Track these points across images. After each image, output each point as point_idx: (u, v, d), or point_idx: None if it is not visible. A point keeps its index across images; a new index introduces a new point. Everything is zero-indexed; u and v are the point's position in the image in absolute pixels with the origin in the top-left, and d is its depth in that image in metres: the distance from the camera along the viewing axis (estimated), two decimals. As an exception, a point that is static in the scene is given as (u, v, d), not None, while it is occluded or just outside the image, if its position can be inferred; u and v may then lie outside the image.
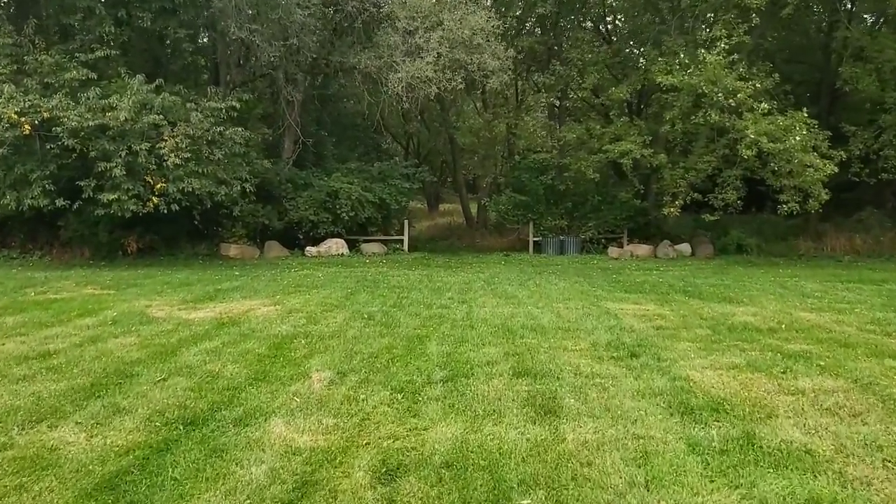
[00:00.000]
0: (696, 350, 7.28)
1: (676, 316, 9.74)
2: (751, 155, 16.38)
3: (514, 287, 13.15)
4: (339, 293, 11.71)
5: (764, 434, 4.69)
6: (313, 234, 20.51)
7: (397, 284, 13.22)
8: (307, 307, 10.00)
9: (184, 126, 15.33)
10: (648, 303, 11.20)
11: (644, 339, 7.87)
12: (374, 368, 6.27)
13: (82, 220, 17.75)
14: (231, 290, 11.95)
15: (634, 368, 6.38)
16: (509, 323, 8.82)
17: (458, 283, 13.62)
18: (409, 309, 9.96)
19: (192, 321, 8.77)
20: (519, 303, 10.84)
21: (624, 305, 10.81)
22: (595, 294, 12.25)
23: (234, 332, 8.05)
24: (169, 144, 14.55)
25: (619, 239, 22.36)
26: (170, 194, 15.20)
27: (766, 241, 22.91)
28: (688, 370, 6.33)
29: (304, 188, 20.67)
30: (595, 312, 9.92)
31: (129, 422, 4.80)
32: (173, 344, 7.31)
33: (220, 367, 6.30)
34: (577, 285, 13.71)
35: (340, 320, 8.89)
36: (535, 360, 6.60)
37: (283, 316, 9.21)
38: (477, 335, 7.95)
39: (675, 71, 17.09)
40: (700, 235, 23.05)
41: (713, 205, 18.76)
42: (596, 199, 22.24)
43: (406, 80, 16.26)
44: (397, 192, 21.50)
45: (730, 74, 16.47)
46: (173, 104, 15.83)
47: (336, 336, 7.81)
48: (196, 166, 15.55)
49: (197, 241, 20.34)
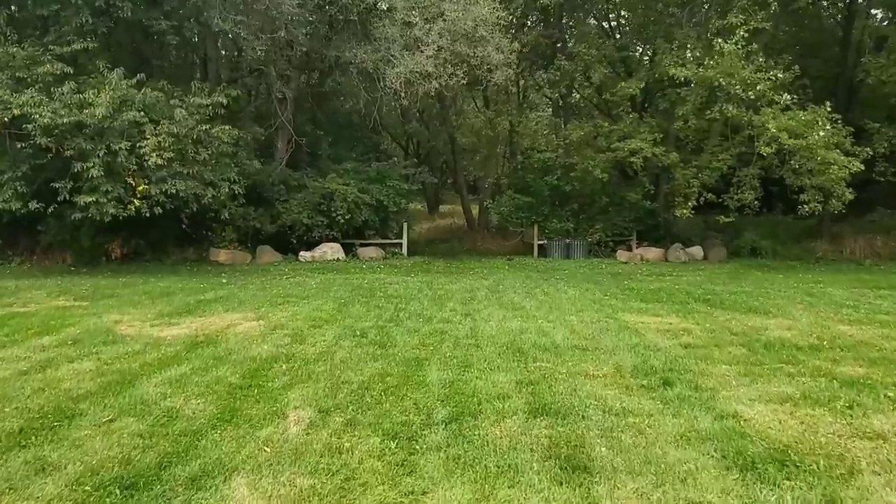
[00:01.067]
0: (737, 376, 6.30)
1: (703, 331, 8.77)
2: (770, 152, 15.41)
3: (520, 296, 12.18)
4: (331, 305, 10.74)
5: (850, 499, 3.73)
6: (307, 239, 19.54)
7: (395, 293, 12.25)
8: (294, 322, 9.03)
9: (167, 124, 14.35)
10: (669, 314, 10.24)
11: (674, 361, 6.90)
12: (363, 404, 5.30)
13: (63, 225, 16.77)
14: (214, 302, 10.98)
15: (671, 402, 5.41)
16: (519, 341, 7.85)
17: (461, 292, 12.65)
18: (406, 324, 8.99)
19: (163, 340, 7.80)
20: (528, 315, 9.87)
21: (643, 318, 9.84)
22: (609, 304, 11.28)
23: (208, 354, 7.08)
24: (150, 143, 13.57)
25: (628, 242, 21.38)
26: (152, 197, 14.23)
27: (780, 244, 21.96)
28: (734, 404, 5.35)
29: (298, 190, 19.72)
30: (613, 327, 8.95)
31: (52, 486, 3.82)
32: (134, 371, 6.34)
33: (182, 402, 5.32)
34: (588, 293, 12.75)
35: (329, 339, 7.91)
36: (553, 392, 5.63)
37: (265, 333, 8.24)
38: (483, 357, 6.97)
39: (688, 64, 16.10)
40: (711, 238, 22.08)
41: (728, 206, 17.80)
42: (603, 200, 21.26)
43: (404, 74, 15.25)
44: (395, 194, 20.53)
45: (747, 66, 15.49)
46: (157, 100, 14.87)
47: (322, 359, 6.84)
48: (181, 167, 14.59)
49: (186, 245, 19.40)
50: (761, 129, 15.56)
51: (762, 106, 15.50)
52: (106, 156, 13.67)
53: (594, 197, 21.45)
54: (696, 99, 16.76)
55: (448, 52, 15.36)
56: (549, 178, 21.21)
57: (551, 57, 21.94)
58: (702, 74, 15.72)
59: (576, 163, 19.82)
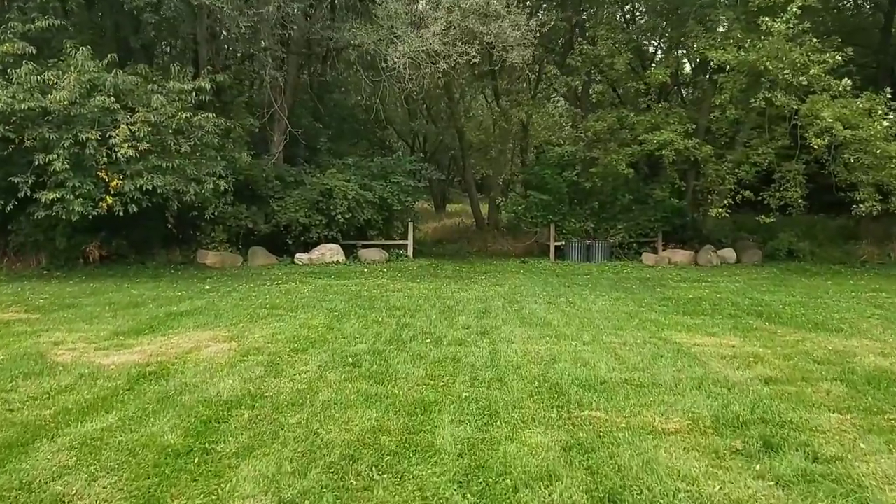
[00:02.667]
0: (861, 432, 4.63)
1: (777, 357, 7.11)
2: (822, 144, 13.67)
3: (542, 307, 10.52)
4: (322, 319, 9.10)
5: None
6: (305, 239, 17.87)
7: (398, 304, 10.59)
8: (273, 344, 7.39)
9: (144, 112, 12.75)
10: (725, 333, 8.57)
11: (762, 405, 5.24)
12: (343, 490, 3.65)
13: (37, 224, 15.20)
14: (186, 315, 9.35)
15: (791, 485, 3.74)
16: (553, 373, 6.19)
17: (474, 302, 11.00)
18: (410, 346, 7.33)
19: (104, 371, 6.17)
20: (557, 333, 8.21)
21: (696, 338, 8.18)
22: (649, 318, 9.61)
23: (153, 393, 5.45)
24: (121, 133, 11.94)
25: (654, 243, 19.63)
26: (126, 193, 12.62)
27: (818, 246, 20.17)
28: (888, 490, 3.68)
29: (295, 186, 18.06)
30: (665, 351, 7.28)
31: None
32: (42, 422, 4.71)
33: (83, 486, 3.68)
34: (621, 304, 11.07)
35: (313, 369, 6.27)
36: (618, 466, 3.96)
37: (235, 361, 6.61)
38: (511, 400, 5.32)
39: (727, 46, 14.37)
40: (744, 239, 20.33)
41: (769, 204, 16.05)
42: (626, 197, 19.47)
43: (409, 54, 13.54)
44: (400, 191, 18.82)
45: (795, 48, 13.76)
46: (134, 86, 13.27)
47: (299, 403, 5.20)
48: (159, 160, 12.97)
49: (173, 247, 17.77)
50: (810, 118, 13.82)
51: (815, 92, 13.75)
52: (72, 147, 12.05)
53: (616, 194, 19.70)
54: (736, 86, 15.01)
55: (458, 30, 13.68)
56: (568, 173, 19.47)
57: (569, 44, 20.27)
58: (744, 58, 13.98)
59: (597, 157, 18.07)
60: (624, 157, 17.15)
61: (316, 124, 22.05)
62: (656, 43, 18.59)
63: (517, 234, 22.72)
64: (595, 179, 18.85)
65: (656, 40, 18.28)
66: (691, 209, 19.41)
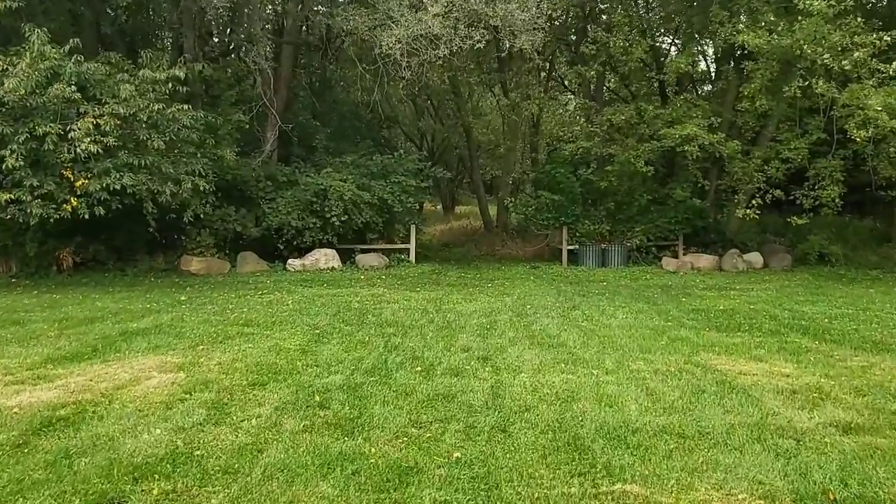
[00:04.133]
0: None
1: (845, 391, 5.78)
2: (865, 136, 12.27)
3: (556, 322, 9.19)
4: (299, 339, 7.80)
5: None
6: (298, 244, 16.58)
7: (391, 319, 9.28)
8: (229, 375, 6.09)
9: (113, 103, 11.51)
10: (772, 356, 7.23)
11: (852, 471, 3.91)
12: None
13: (6, 228, 14.02)
14: (143, 334, 8.06)
15: None
16: (570, 417, 4.88)
17: (477, 315, 9.67)
18: (395, 378, 6.01)
19: (2, 415, 4.89)
20: (573, 358, 6.89)
21: (739, 363, 6.84)
22: (678, 336, 8.27)
23: (48, 451, 4.16)
24: (83, 126, 10.69)
25: (674, 247, 18.23)
26: (93, 194, 11.37)
27: (851, 249, 18.72)
28: None
29: (288, 187, 16.79)
30: (706, 383, 5.95)
31: None
32: None
33: None
34: (644, 317, 9.73)
35: (267, 414, 4.96)
36: None
37: (174, 399, 5.31)
38: (517, 464, 4.00)
39: (758, 30, 12.98)
40: (770, 242, 18.90)
41: (802, 204, 14.63)
42: (644, 198, 18.06)
43: (406, 38, 12.21)
44: (401, 191, 17.48)
45: (835, 30, 12.37)
46: (105, 75, 12.04)
47: (232, 471, 3.89)
48: (130, 157, 11.72)
49: (157, 252, 16.53)
50: (852, 108, 12.42)
51: (858, 78, 12.35)
52: (29, 142, 10.81)
53: (633, 194, 18.29)
54: (767, 74, 13.61)
55: (461, 12, 12.36)
56: (582, 171, 18.08)
57: (582, 32, 18.93)
58: (777, 42, 12.60)
59: (614, 154, 16.68)
60: (642, 153, 15.77)
61: (314, 122, 20.79)
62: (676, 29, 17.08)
63: (527, 237, 21.38)
64: (611, 178, 17.48)
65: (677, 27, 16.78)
66: (714, 210, 18.01)
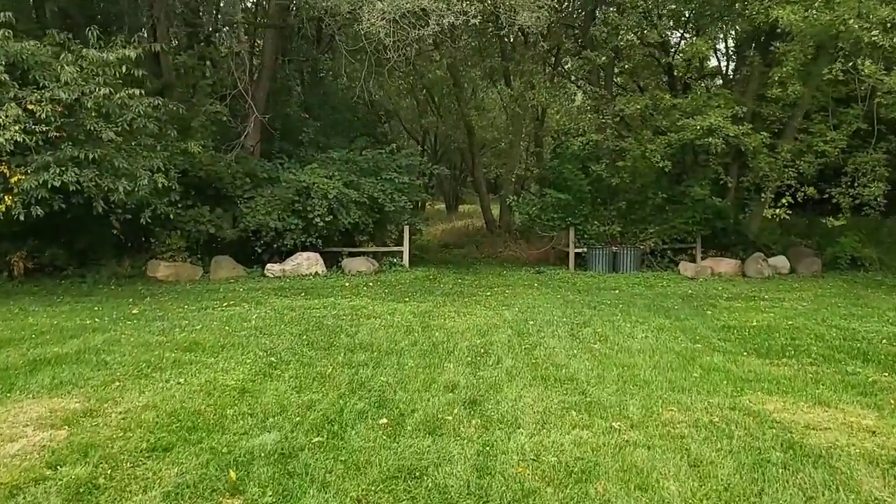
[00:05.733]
0: None
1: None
2: (918, 126, 10.70)
3: (564, 343, 7.66)
4: (246, 370, 6.28)
5: None
6: (279, 247, 15.08)
7: (366, 341, 7.75)
8: (129, 431, 4.57)
9: (55, 88, 10.03)
10: (841, 397, 5.71)
11: None
12: None
13: (-47, 231, 12.61)
14: (54, 364, 6.54)
15: None
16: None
17: (470, 335, 8.15)
18: (349, 437, 4.48)
19: None
20: (586, 401, 5.36)
21: (801, 410, 5.31)
22: (713, 364, 6.75)
23: None
24: (10, 112, 9.19)
25: (691, 250, 16.63)
26: (29, 191, 9.89)
27: (885, 253, 17.10)
28: None
29: (269, 185, 15.29)
30: (766, 445, 4.42)
31: None
32: None
33: None
34: (668, 337, 8.19)
35: (147, 508, 3.45)
36: None
37: (28, 478, 3.80)
38: None
39: (794, 5, 11.40)
40: (796, 245, 17.29)
41: (839, 203, 13.05)
42: (659, 196, 16.44)
43: (391, 14, 10.65)
44: (394, 189, 15.93)
45: (882, 5, 10.79)
46: (51, 56, 10.57)
47: None
48: (77, 150, 10.23)
49: (124, 256, 15.05)
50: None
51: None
52: (-50, 132, 9.34)
53: (647, 192, 16.68)
54: (800, 56, 12.04)
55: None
56: (593, 167, 16.47)
57: (590, 15, 17.37)
58: (815, 18, 11.02)
59: (627, 148, 15.10)
60: (659, 147, 14.20)
61: (303, 115, 19.27)
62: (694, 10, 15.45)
63: (531, 238, 19.84)
64: (623, 175, 15.89)
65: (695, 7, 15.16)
66: (736, 210, 16.41)
